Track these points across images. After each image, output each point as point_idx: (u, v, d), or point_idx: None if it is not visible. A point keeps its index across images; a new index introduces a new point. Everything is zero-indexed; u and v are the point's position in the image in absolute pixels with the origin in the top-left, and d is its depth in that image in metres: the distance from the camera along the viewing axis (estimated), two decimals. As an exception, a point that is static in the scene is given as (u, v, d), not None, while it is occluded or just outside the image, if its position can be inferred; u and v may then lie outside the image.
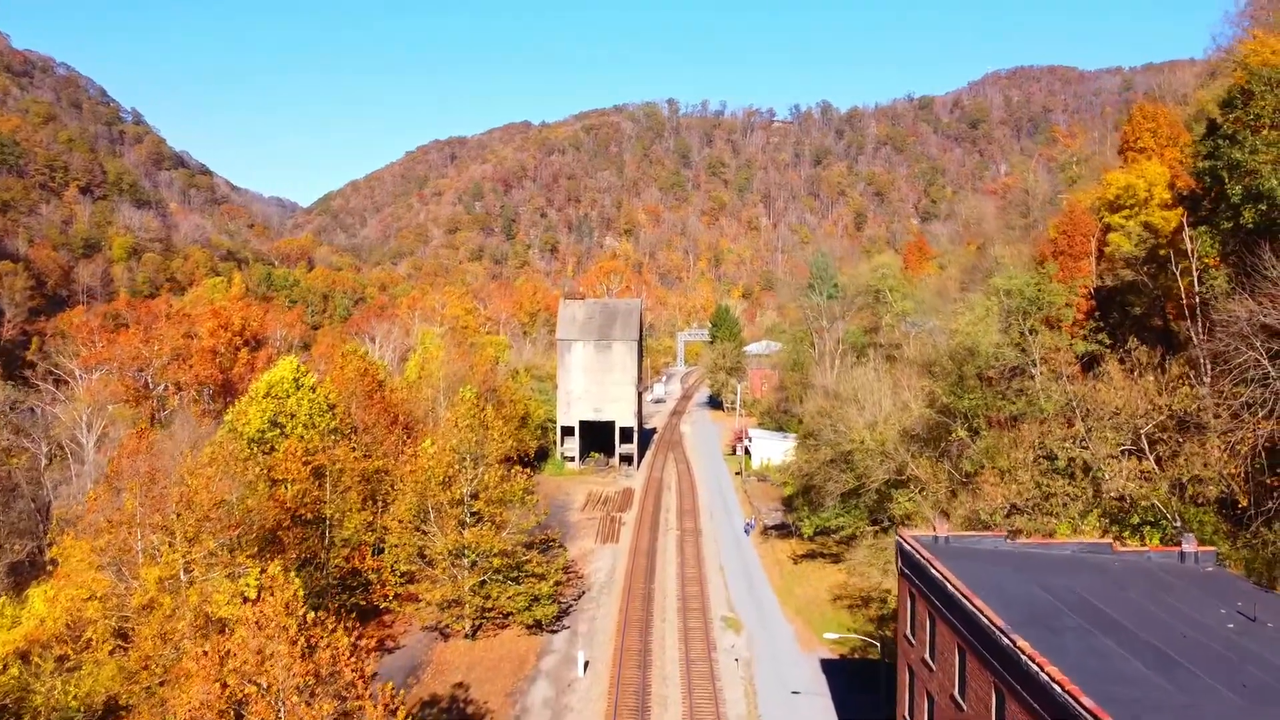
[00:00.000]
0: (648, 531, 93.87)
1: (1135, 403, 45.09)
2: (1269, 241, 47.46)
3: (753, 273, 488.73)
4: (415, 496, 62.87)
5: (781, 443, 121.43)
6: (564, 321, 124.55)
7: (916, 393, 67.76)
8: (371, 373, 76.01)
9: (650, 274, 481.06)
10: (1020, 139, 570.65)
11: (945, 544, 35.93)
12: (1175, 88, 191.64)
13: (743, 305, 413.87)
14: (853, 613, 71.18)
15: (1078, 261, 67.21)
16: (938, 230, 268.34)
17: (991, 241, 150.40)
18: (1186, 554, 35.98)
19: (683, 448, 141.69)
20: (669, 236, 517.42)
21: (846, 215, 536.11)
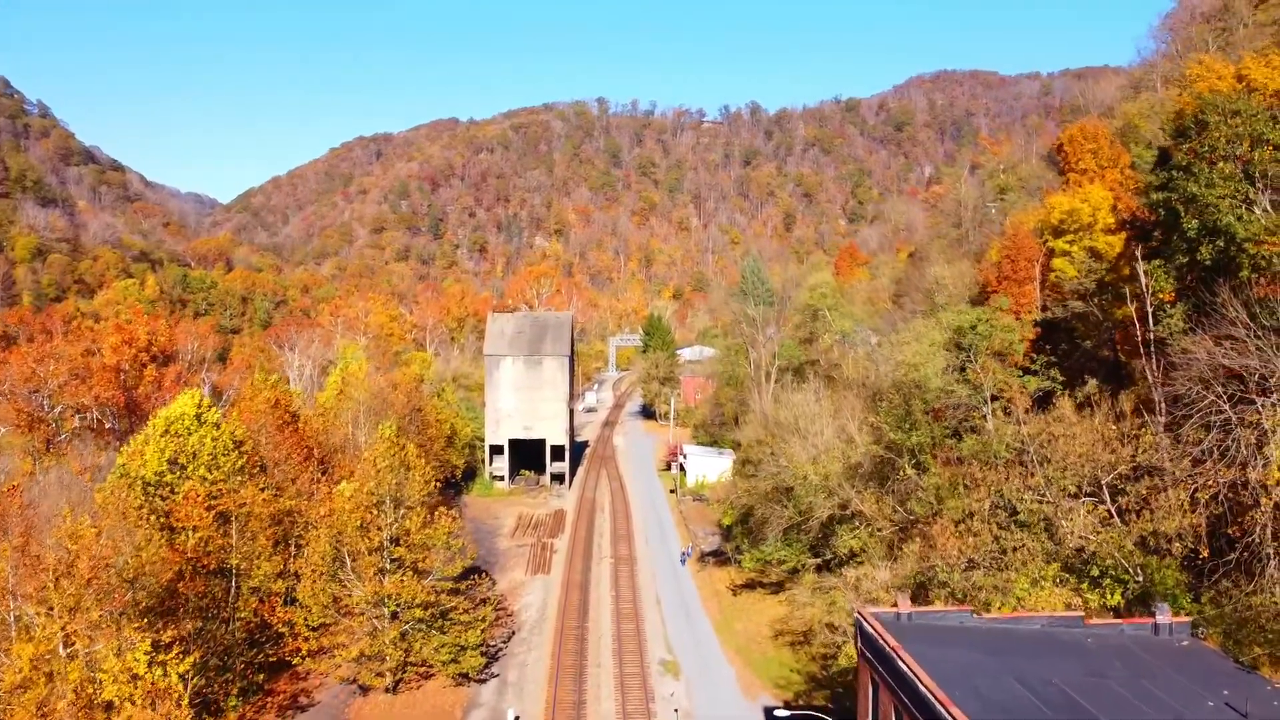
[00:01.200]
0: (581, 559, 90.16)
1: (1097, 453, 42.92)
2: (1227, 279, 45.77)
3: (683, 274, 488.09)
4: (330, 544, 58.22)
5: (717, 459, 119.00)
6: (492, 336, 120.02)
7: (860, 424, 65.28)
8: (284, 403, 70.81)
9: (581, 274, 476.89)
10: (944, 141, 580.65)
11: (909, 621, 33.15)
12: (1098, 97, 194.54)
13: (674, 306, 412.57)
14: (795, 650, 68.46)
15: (1022, 286, 65.50)
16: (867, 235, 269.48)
17: (925, 252, 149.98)
18: (1161, 625, 33.82)
19: (616, 463, 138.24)
20: (599, 237, 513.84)
21: (776, 216, 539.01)
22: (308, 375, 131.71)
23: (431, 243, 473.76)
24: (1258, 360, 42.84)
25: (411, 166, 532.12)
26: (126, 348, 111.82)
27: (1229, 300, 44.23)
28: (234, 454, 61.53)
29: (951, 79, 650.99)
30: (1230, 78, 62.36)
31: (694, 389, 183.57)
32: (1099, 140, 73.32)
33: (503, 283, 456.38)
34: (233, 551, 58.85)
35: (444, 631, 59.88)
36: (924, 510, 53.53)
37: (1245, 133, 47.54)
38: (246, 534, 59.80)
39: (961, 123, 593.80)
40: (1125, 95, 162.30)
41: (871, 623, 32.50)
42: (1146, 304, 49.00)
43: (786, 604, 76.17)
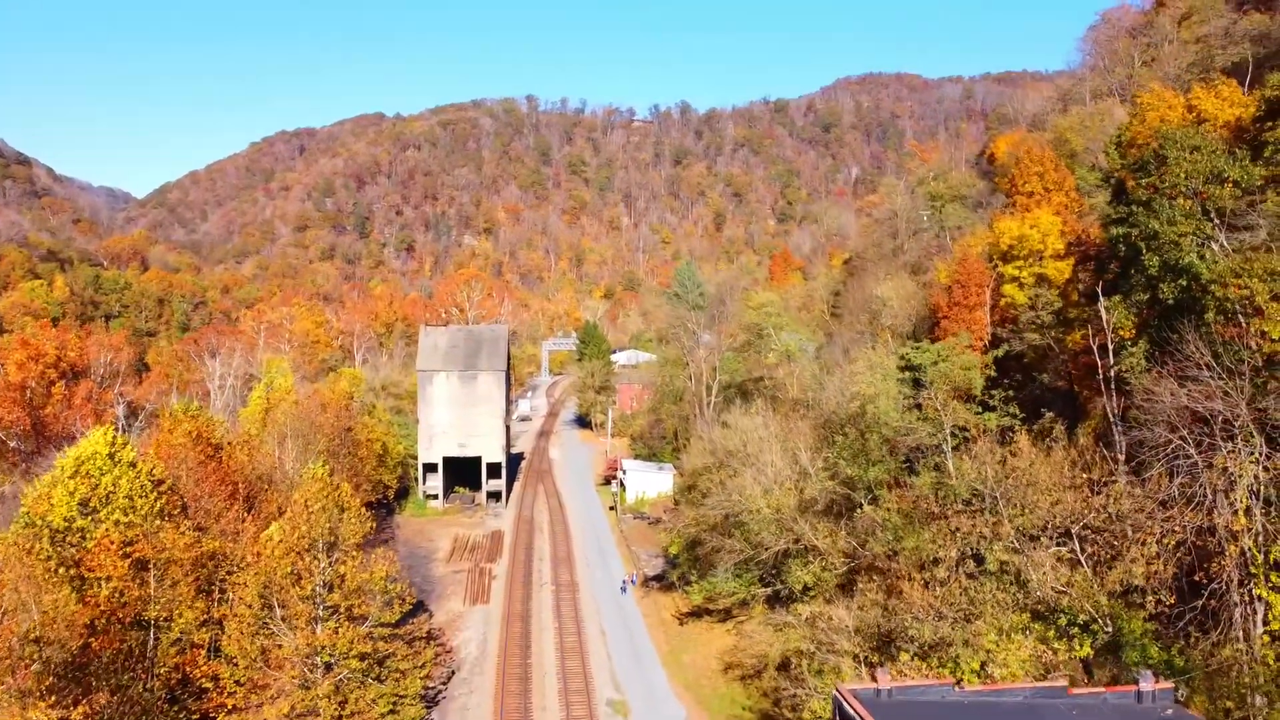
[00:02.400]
0: (521, 586, 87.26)
1: (1067, 501, 41.84)
2: (1190, 318, 45.09)
3: (614, 273, 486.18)
4: (258, 591, 54.49)
5: (657, 475, 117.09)
6: (425, 350, 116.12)
7: (813, 454, 63.77)
8: (205, 435, 66.49)
9: (511, 274, 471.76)
10: (870, 143, 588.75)
11: (889, 698, 31.53)
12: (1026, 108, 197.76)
13: (605, 306, 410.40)
14: (745, 686, 66.73)
15: (973, 313, 64.69)
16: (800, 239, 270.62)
17: (862, 264, 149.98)
18: (1144, 693, 32.76)
19: (553, 477, 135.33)
20: (530, 235, 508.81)
21: (706, 215, 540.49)
22: (230, 387, 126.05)
23: (357, 241, 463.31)
24: (1223, 404, 42.19)
25: (336, 163, 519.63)
26: (32, 364, 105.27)
27: (1194, 341, 43.50)
28: (152, 495, 57.30)
29: (877, 81, 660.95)
30: (1181, 108, 62.31)
31: (630, 396, 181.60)
32: (1045, 163, 73.00)
33: (431, 282, 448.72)
34: (151, 602, 54.73)
35: (381, 680, 56.64)
36: (882, 548, 52.09)
37: (1205, 169, 47.00)
38: (166, 582, 55.71)
39: (887, 125, 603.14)
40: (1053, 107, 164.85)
41: (852, 703, 30.76)
42: (1108, 340, 48.17)
43: (735, 633, 74.67)
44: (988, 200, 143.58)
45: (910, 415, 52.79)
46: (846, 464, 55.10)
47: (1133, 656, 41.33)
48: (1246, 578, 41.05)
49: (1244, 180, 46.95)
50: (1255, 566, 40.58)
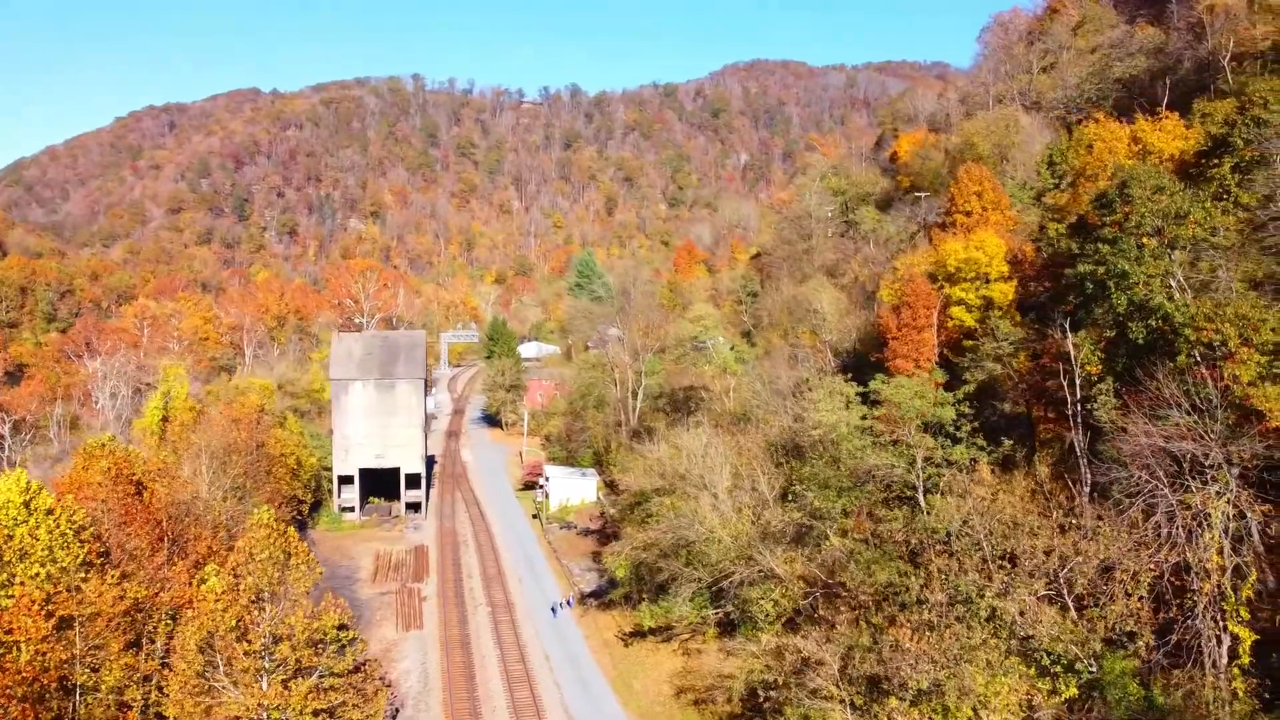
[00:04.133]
0: (454, 609, 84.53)
1: (1056, 547, 42.36)
2: (1160, 359, 46.16)
3: (506, 258, 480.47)
4: (198, 647, 50.73)
5: (580, 481, 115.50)
6: (339, 358, 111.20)
7: (771, 479, 63.40)
8: (125, 471, 61.50)
9: (399, 259, 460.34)
10: (758, 129, 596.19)
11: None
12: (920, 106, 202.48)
13: (497, 292, 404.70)
14: (700, 711, 66.01)
15: (920, 334, 65.33)
16: (700, 229, 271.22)
17: (774, 264, 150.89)
18: (1153, 747, 33.44)
19: (469, 483, 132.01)
20: (418, 219, 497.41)
21: (598, 200, 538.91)
22: (121, 396, 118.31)
23: (236, 225, 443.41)
24: (1195, 444, 43.35)
25: (212, 141, 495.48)
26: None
27: (1166, 382, 44.51)
28: (75, 545, 52.64)
29: (764, 68, 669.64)
30: (1126, 139, 64.04)
31: (538, 390, 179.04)
32: (983, 183, 74.23)
33: (316, 267, 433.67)
34: (76, 663, 50.39)
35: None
36: (854, 582, 52.00)
37: (1169, 209, 48.13)
38: (92, 639, 51.41)
39: (774, 112, 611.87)
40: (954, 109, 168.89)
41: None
42: (1075, 377, 49.00)
43: (681, 653, 74.02)
44: (896, 199, 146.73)
45: (874, 446, 52.72)
46: (814, 494, 54.71)
47: (1115, 695, 42.26)
48: (1219, 614, 42.40)
49: (1204, 221, 48.34)
50: (1228, 603, 41.90)
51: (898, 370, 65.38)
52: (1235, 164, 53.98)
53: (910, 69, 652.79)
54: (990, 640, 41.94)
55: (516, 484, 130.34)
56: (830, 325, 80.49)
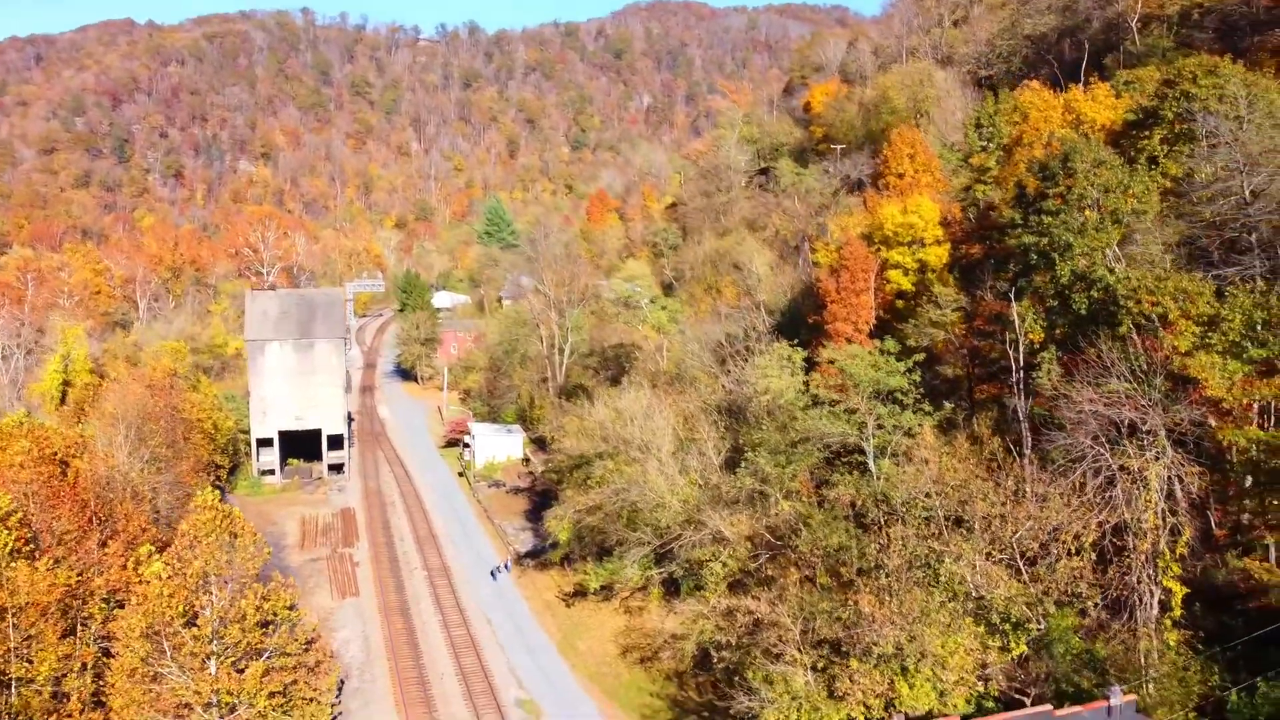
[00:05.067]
0: (390, 574, 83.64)
1: (1014, 516, 44.17)
2: (1102, 327, 48.11)
3: (406, 202, 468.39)
4: (142, 635, 49.03)
5: (507, 438, 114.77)
6: (253, 317, 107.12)
7: (716, 441, 64.20)
8: (47, 450, 58.27)
9: (293, 202, 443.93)
10: (660, 71, 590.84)
11: (905, 742, 32.62)
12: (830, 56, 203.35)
13: (398, 237, 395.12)
14: (646, 669, 67.22)
15: (859, 297, 66.45)
16: (611, 178, 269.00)
17: (691, 215, 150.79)
18: (1114, 708, 35.51)
19: (390, 440, 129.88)
20: (312, 161, 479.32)
21: (499, 142, 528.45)
22: (16, 364, 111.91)
23: (117, 167, 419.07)
24: (1134, 411, 45.57)
25: (85, 77, 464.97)
26: None
27: (1107, 352, 46.49)
28: (0, 532, 49.94)
29: (666, 9, 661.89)
30: (1059, 108, 65.68)
31: (452, 341, 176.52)
32: (915, 145, 75.40)
33: (205, 212, 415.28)
34: (11, 656, 48.21)
35: (289, 713, 52.80)
36: (806, 547, 53.31)
37: (1111, 182, 49.81)
38: (25, 629, 49.21)
39: (677, 53, 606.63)
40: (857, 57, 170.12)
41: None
42: (1020, 346, 50.71)
43: (623, 612, 75.00)
44: (809, 150, 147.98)
45: (827, 414, 53.79)
46: (765, 461, 55.64)
47: (1060, 649, 44.63)
48: (1154, 570, 45.02)
49: (1143, 195, 50.22)
50: (1163, 560, 44.50)
51: (837, 333, 66.53)
52: (1164, 136, 56.18)
53: (811, 12, 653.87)
54: (948, 604, 43.67)
55: (439, 441, 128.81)
56: (764, 285, 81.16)
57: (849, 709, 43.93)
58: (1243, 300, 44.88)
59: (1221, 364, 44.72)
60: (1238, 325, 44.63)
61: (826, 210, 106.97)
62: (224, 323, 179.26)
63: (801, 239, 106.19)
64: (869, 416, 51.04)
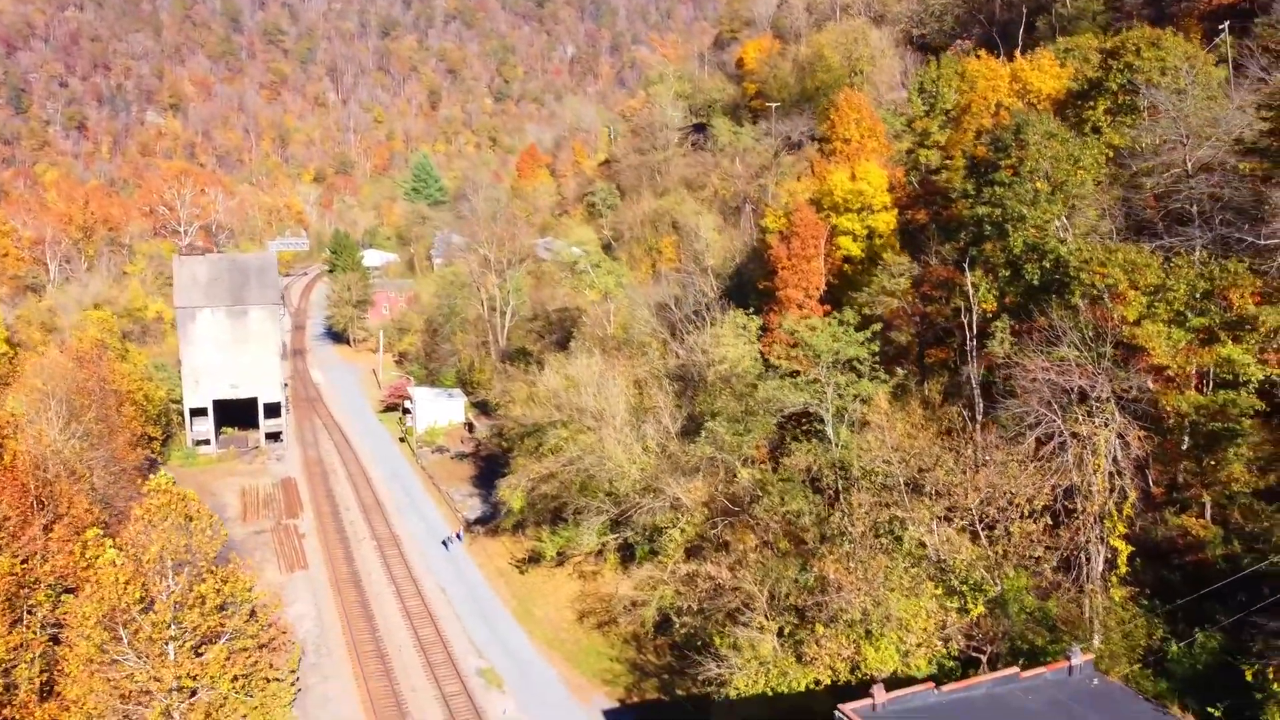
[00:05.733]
0: (338, 545, 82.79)
1: (974, 484, 45.60)
2: (1052, 297, 49.58)
3: (325, 155, 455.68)
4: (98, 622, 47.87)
5: (448, 402, 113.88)
6: (183, 284, 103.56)
7: (672, 409, 64.71)
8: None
9: (206, 156, 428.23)
10: (584, 20, 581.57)
11: (884, 710, 33.67)
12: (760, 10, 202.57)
13: (317, 192, 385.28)
14: (604, 634, 67.96)
15: (809, 264, 67.16)
16: (541, 133, 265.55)
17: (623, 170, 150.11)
18: (1074, 668, 37.26)
19: (326, 406, 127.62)
20: (224, 112, 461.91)
21: (420, 93, 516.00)
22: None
23: (14, 119, 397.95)
24: (1084, 379, 47.26)
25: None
26: None
27: (1059, 321, 48.02)
28: (-59, 522, 48.03)
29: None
30: (1007, 77, 66.67)
31: (384, 302, 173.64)
32: (862, 110, 75.92)
33: (111, 165, 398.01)
34: (-39, 648, 46.67)
35: (251, 694, 52.27)
36: (766, 513, 54.38)
37: (1062, 155, 51.02)
38: (-27, 621, 47.63)
39: (600, 2, 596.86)
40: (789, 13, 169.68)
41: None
42: (973, 311, 51.95)
43: (577, 577, 75.57)
44: (743, 106, 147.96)
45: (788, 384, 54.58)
46: (726, 430, 56.35)
47: (1015, 609, 46.51)
48: (1103, 531, 47.05)
49: (1093, 168, 51.59)
50: (1110, 521, 46.52)
51: (788, 300, 67.30)
52: (1108, 107, 57.62)
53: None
54: (912, 570, 45.09)
55: (377, 406, 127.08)
56: (712, 250, 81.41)
57: (816, 672, 45.29)
58: (1186, 271, 46.64)
59: (1166, 333, 46.49)
60: (1181, 295, 46.40)
61: (767, 172, 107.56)
62: (142, 285, 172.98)
63: (743, 201, 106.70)
64: (828, 386, 51.84)
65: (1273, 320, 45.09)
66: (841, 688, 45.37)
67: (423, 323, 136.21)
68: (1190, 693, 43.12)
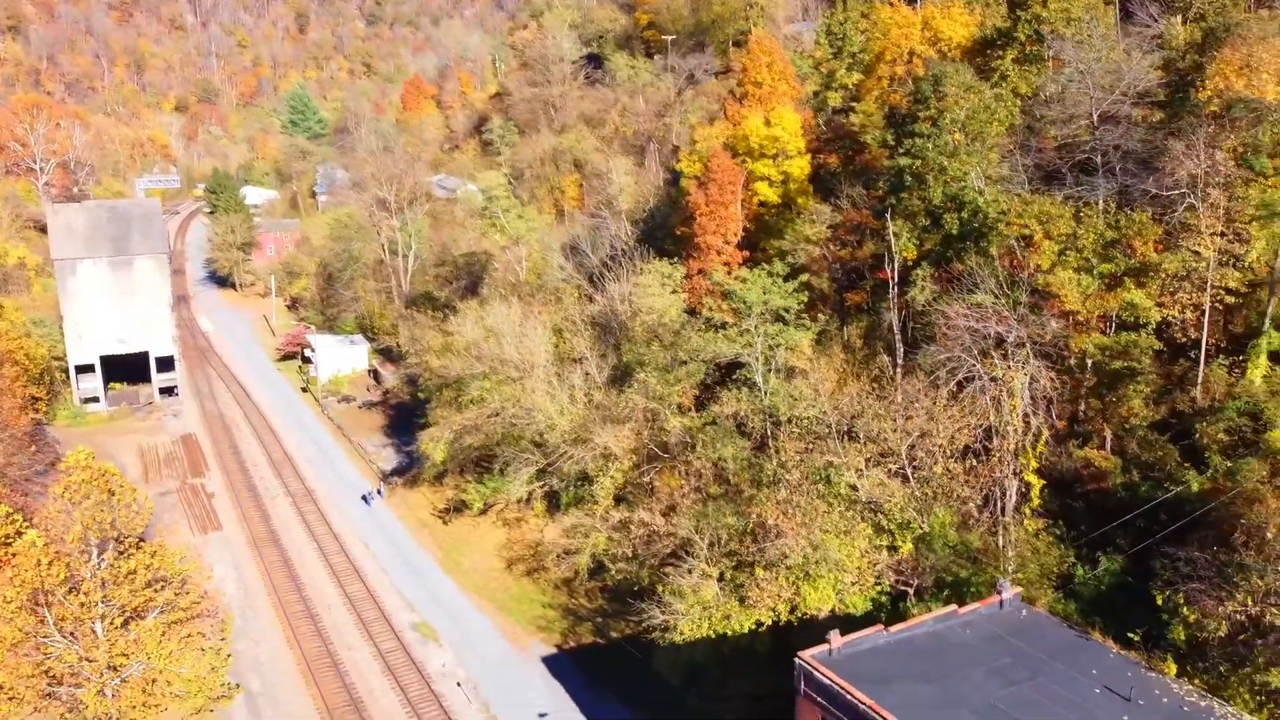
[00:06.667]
0: (251, 503, 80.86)
1: (904, 429, 47.70)
2: (970, 246, 51.70)
3: (185, 82, 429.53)
4: (20, 606, 46.04)
5: (351, 349, 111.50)
6: (59, 233, 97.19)
7: (598, 359, 65.14)
8: None
9: (53, 82, 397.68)
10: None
11: (840, 654, 35.50)
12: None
13: (180, 121, 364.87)
14: (534, 581, 68.91)
15: (727, 209, 67.82)
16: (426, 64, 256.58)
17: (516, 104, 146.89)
18: (1004, 601, 39.97)
19: (218, 355, 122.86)
20: (71, 36, 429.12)
21: (287, 15, 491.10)
22: None
23: None
24: (1001, 325, 49.75)
25: None
26: None
27: (977, 270, 50.22)
28: None
29: None
30: (917, 25, 67.76)
31: (270, 244, 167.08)
32: (774, 54, 76.05)
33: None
34: None
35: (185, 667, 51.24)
36: (698, 460, 55.81)
37: (978, 107, 52.68)
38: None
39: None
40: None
41: (817, 668, 34.41)
42: (894, 263, 53.76)
43: (503, 526, 75.92)
44: (635, 38, 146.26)
45: (716, 334, 55.62)
46: (657, 379, 57.17)
47: (939, 544, 49.34)
48: (1017, 467, 50.09)
49: (1007, 119, 53.47)
50: (1024, 457, 49.56)
51: (707, 246, 68.05)
52: (1016, 56, 59.55)
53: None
54: (847, 513, 47.19)
55: (274, 354, 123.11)
56: (626, 194, 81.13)
57: (758, 614, 47.24)
58: (1095, 221, 49.25)
59: (1076, 279, 49.18)
60: (1091, 244, 49.04)
61: (670, 109, 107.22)
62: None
63: (647, 140, 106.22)
64: (758, 336, 53.07)
65: (1172, 266, 48.28)
66: (783, 628, 47.70)
67: (315, 266, 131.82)
68: (1095, 612, 46.84)
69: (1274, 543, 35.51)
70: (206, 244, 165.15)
